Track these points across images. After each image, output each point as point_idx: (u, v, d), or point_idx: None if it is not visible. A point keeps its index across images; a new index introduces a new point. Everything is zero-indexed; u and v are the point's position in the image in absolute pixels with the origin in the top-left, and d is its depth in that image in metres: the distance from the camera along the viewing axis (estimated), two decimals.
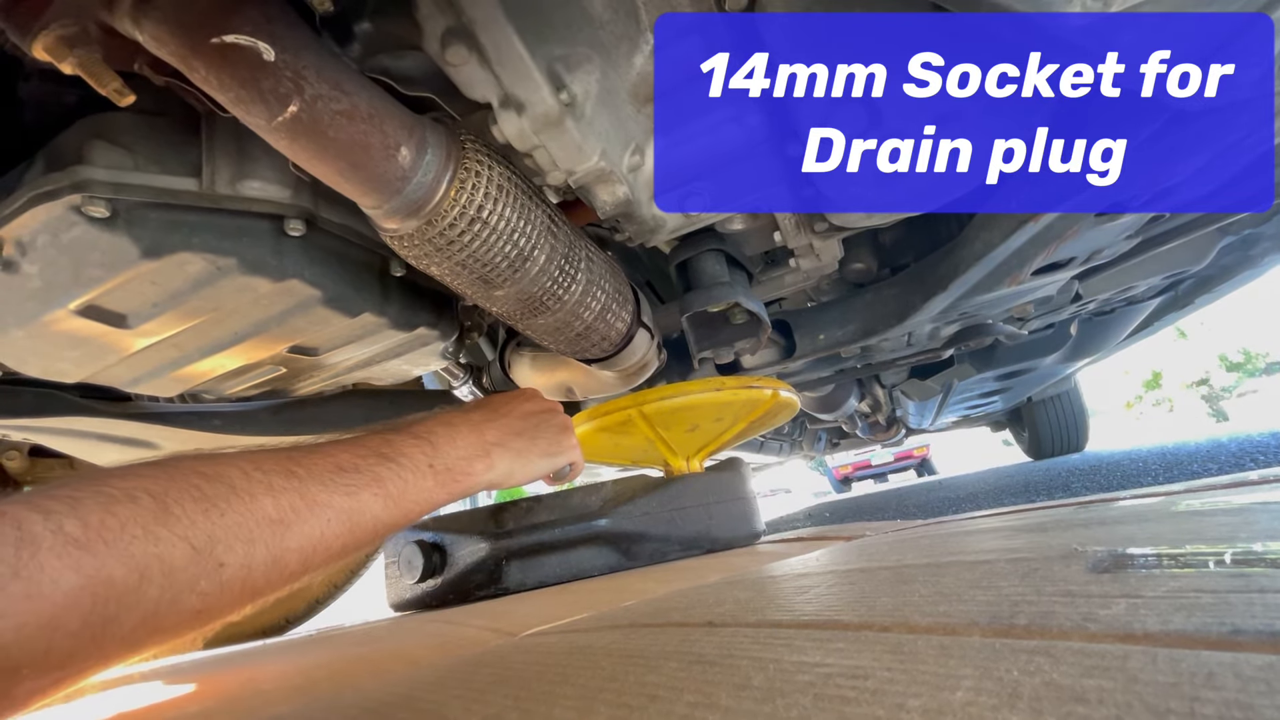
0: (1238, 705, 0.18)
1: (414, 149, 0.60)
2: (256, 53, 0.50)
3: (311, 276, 0.77)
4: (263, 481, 0.42)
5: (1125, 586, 0.31)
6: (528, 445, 0.69)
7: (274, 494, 0.42)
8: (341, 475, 0.46)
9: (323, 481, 0.45)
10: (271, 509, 0.41)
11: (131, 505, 0.35)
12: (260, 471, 0.42)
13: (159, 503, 0.36)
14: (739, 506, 1.21)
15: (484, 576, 1.02)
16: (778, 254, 1.08)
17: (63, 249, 0.65)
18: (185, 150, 0.69)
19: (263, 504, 0.41)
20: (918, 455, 10.04)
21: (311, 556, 0.44)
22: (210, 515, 0.38)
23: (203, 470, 0.40)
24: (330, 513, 0.45)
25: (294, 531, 0.42)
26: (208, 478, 0.39)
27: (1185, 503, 0.61)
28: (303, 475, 0.44)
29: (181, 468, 0.39)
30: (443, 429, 0.59)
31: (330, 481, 0.45)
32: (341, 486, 0.46)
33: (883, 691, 0.23)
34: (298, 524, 0.43)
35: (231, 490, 0.40)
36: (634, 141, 0.74)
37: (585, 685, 0.32)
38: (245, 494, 0.40)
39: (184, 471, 0.39)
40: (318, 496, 0.44)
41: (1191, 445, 2.89)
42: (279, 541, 0.41)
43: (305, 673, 0.62)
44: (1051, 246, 0.96)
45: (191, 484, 0.38)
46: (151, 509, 0.36)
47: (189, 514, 0.37)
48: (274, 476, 0.42)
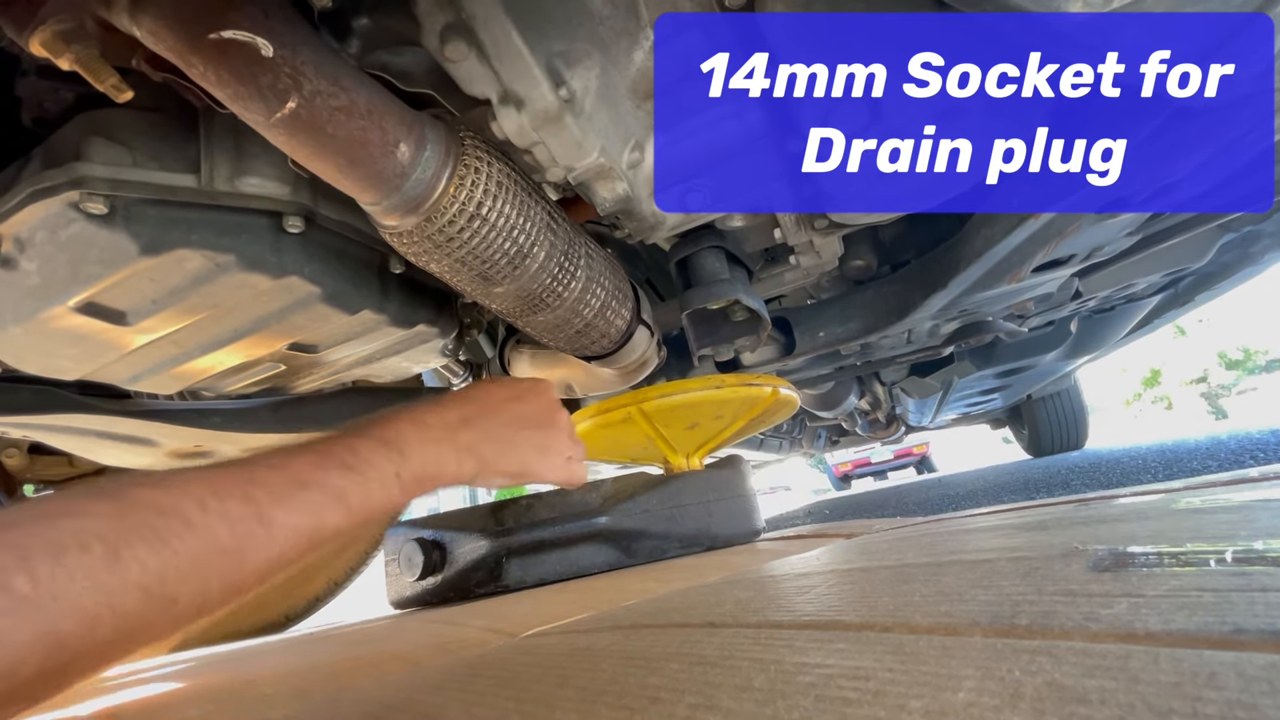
0: (1240, 705, 0.18)
1: (413, 145, 0.59)
2: (255, 48, 0.49)
3: (310, 273, 0.76)
4: (218, 511, 0.41)
5: (1126, 585, 0.31)
6: (505, 450, 0.63)
7: (230, 523, 0.41)
8: (302, 492, 0.45)
9: (282, 502, 0.44)
10: (228, 540, 0.41)
11: (81, 555, 0.34)
12: (216, 499, 0.41)
13: (110, 550, 0.35)
14: (739, 504, 1.21)
15: (484, 574, 1.02)
16: (778, 251, 1.08)
17: (61, 246, 0.65)
18: (183, 146, 0.68)
19: (219, 537, 0.40)
20: (917, 453, 10.04)
21: (268, 574, 0.44)
22: (163, 556, 0.37)
23: (158, 503, 0.39)
24: (288, 532, 0.44)
25: (250, 558, 0.42)
26: (162, 512, 0.39)
27: (1185, 500, 0.61)
28: (261, 498, 0.43)
29: (136, 503, 0.38)
30: (413, 432, 0.55)
31: (290, 500, 0.45)
32: (301, 504, 0.45)
33: (884, 692, 0.23)
34: (254, 551, 0.42)
35: (186, 526, 0.39)
36: (634, 138, 0.74)
37: (586, 687, 0.32)
38: (201, 528, 0.40)
39: (138, 508, 0.38)
40: (276, 518, 0.43)
41: (1191, 443, 2.89)
42: (235, 570, 0.41)
43: (305, 674, 0.62)
44: (1052, 244, 0.96)
45: (144, 522, 0.38)
46: (102, 557, 0.35)
47: (141, 558, 0.37)
48: (231, 503, 0.42)
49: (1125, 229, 1.00)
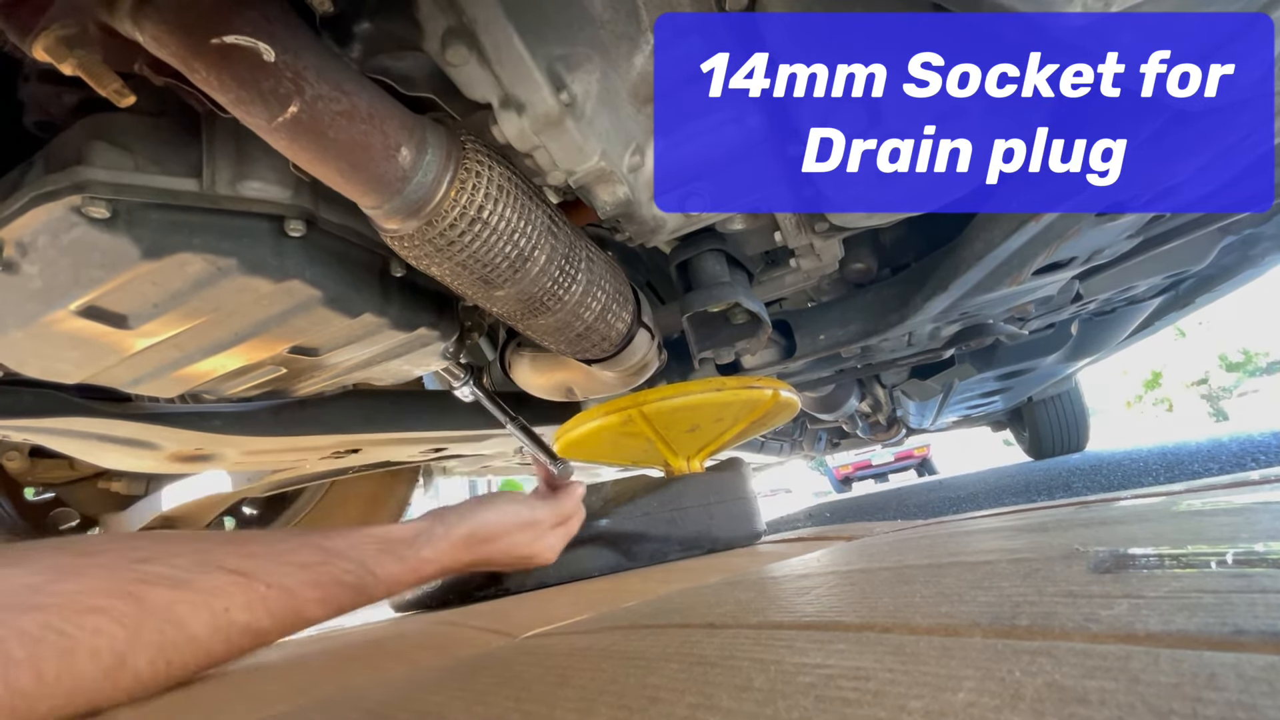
0: (1241, 706, 0.18)
1: (414, 149, 0.60)
2: (257, 53, 0.50)
3: (312, 277, 0.77)
4: (224, 633, 0.44)
5: (1127, 587, 0.31)
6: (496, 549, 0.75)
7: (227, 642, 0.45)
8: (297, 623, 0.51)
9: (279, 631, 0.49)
10: (222, 655, 0.45)
11: (91, 662, 0.36)
12: (227, 618, 0.44)
13: (118, 661, 0.37)
14: (740, 506, 1.21)
15: (484, 577, 1.02)
16: (778, 254, 1.08)
17: (63, 250, 0.65)
18: (185, 151, 0.69)
19: (215, 654, 0.44)
20: (918, 455, 10.04)
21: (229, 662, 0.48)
22: (158, 668, 0.40)
23: (174, 615, 0.41)
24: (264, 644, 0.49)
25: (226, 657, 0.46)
26: (176, 624, 0.41)
27: (1186, 502, 0.60)
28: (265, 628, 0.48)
29: (154, 610, 0.40)
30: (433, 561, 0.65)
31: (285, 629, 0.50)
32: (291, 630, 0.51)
33: (884, 693, 0.23)
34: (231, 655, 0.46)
35: (191, 643, 0.42)
36: (634, 141, 0.74)
37: (586, 687, 0.32)
38: (203, 646, 0.43)
39: (154, 616, 0.40)
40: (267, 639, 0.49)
41: (1192, 445, 2.89)
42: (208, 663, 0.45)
43: (306, 673, 0.62)
44: (1052, 246, 0.96)
45: (158, 631, 0.40)
46: (109, 668, 0.37)
47: (139, 670, 0.39)
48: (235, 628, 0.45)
49: (1126, 231, 1.00)
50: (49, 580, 0.37)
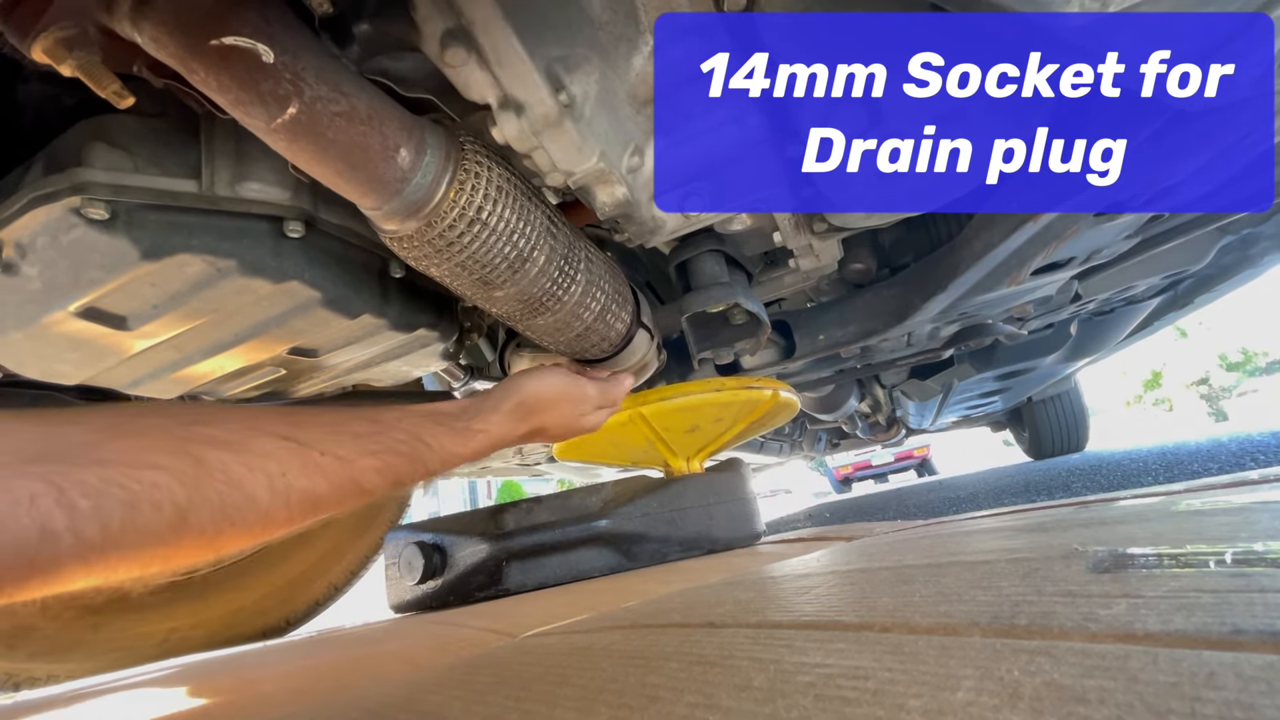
0: (1239, 705, 0.18)
1: (413, 150, 0.60)
2: (255, 54, 0.50)
3: (311, 278, 0.77)
4: (283, 493, 0.44)
5: (1126, 586, 0.31)
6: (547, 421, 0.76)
7: (289, 508, 0.44)
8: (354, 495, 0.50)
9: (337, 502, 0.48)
10: (282, 518, 0.44)
11: (155, 514, 0.37)
12: (284, 479, 0.44)
13: (180, 515, 0.38)
14: (739, 507, 1.21)
15: (484, 578, 1.02)
16: (777, 254, 1.08)
17: (62, 251, 0.65)
18: (184, 152, 0.69)
19: (275, 516, 0.43)
20: (918, 455, 10.04)
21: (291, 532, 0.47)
22: (221, 525, 0.40)
23: (231, 474, 0.41)
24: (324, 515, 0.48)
25: (289, 527, 0.45)
26: (233, 485, 0.41)
27: (1186, 502, 0.61)
28: (322, 495, 0.47)
29: (212, 470, 0.40)
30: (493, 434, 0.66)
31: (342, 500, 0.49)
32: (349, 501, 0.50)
33: (883, 692, 0.23)
34: (295, 523, 0.45)
35: (250, 503, 0.42)
36: (633, 142, 0.74)
37: (586, 686, 0.32)
38: (263, 508, 0.42)
39: (213, 475, 0.40)
40: (323, 509, 0.47)
41: (1192, 445, 2.89)
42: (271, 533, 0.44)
43: (306, 674, 0.62)
44: (1051, 246, 0.96)
45: (216, 493, 0.40)
46: (171, 521, 0.37)
47: (203, 525, 0.39)
48: (294, 494, 0.44)
49: (1124, 232, 1.00)
50: (106, 438, 0.38)
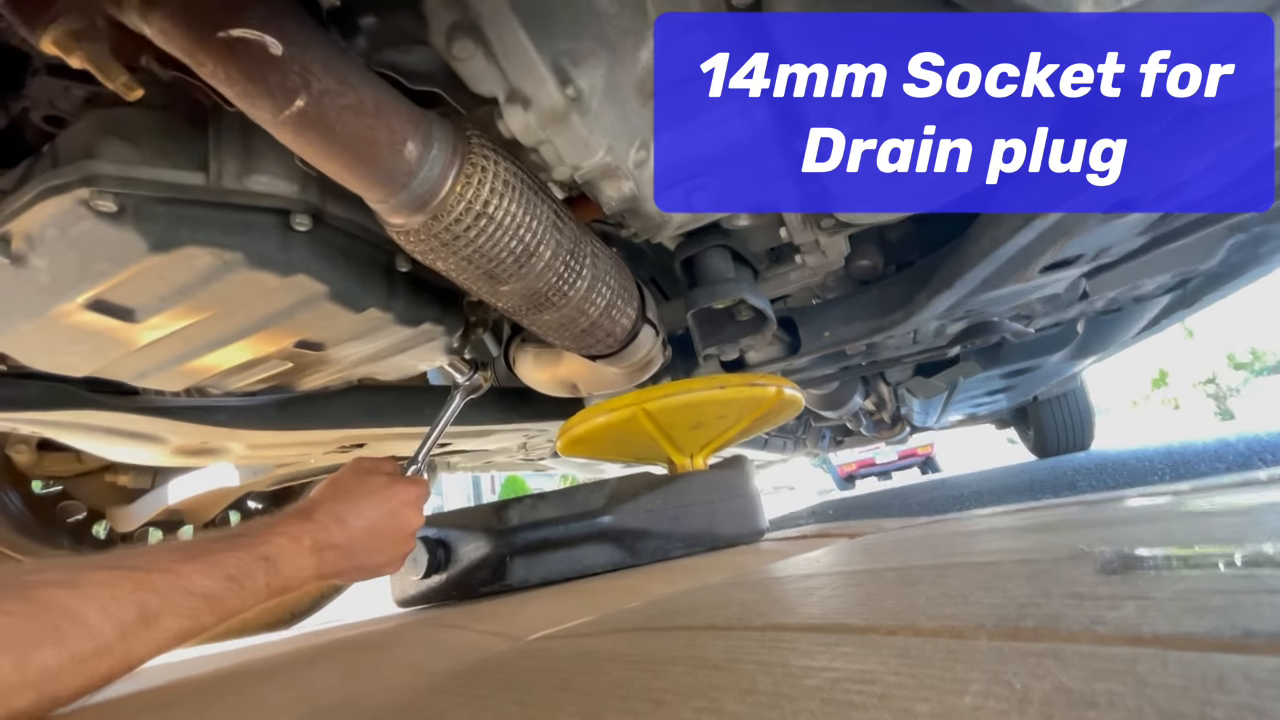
0: (1250, 709, 0.18)
1: (420, 144, 0.60)
2: (263, 47, 0.50)
3: (318, 271, 0.77)
4: (115, 616, 0.47)
5: (1134, 588, 0.30)
6: (361, 563, 0.74)
7: (123, 629, 0.47)
8: (188, 599, 0.53)
9: (170, 608, 0.51)
10: (117, 644, 0.47)
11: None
12: (116, 604, 0.47)
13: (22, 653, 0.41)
14: (743, 504, 1.21)
15: (488, 573, 1.02)
16: (783, 250, 1.07)
17: (71, 243, 0.65)
18: (192, 145, 0.69)
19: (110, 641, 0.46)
20: (922, 453, 10.02)
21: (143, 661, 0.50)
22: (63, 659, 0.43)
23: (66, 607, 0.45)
24: (168, 634, 0.51)
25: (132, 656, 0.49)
26: (69, 618, 0.44)
27: (1193, 503, 0.60)
28: (151, 604, 0.50)
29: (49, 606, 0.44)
30: (290, 546, 0.64)
31: (176, 606, 0.52)
32: (185, 610, 0.52)
33: (890, 696, 0.23)
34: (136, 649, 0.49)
35: (87, 633, 0.45)
36: (640, 137, 0.74)
37: (591, 691, 0.32)
38: (98, 633, 0.45)
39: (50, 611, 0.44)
40: (161, 622, 0.50)
41: (1199, 444, 2.88)
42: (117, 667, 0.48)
43: (310, 681, 0.63)
44: (1059, 244, 0.95)
45: (53, 626, 0.43)
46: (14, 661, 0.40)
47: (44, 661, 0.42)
48: (126, 609, 0.48)
49: (1133, 230, 0.99)
50: None
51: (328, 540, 0.69)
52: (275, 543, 0.63)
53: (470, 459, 2.16)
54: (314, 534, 0.68)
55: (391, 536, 0.77)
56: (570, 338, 0.89)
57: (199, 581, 0.54)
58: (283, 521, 0.67)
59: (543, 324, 0.84)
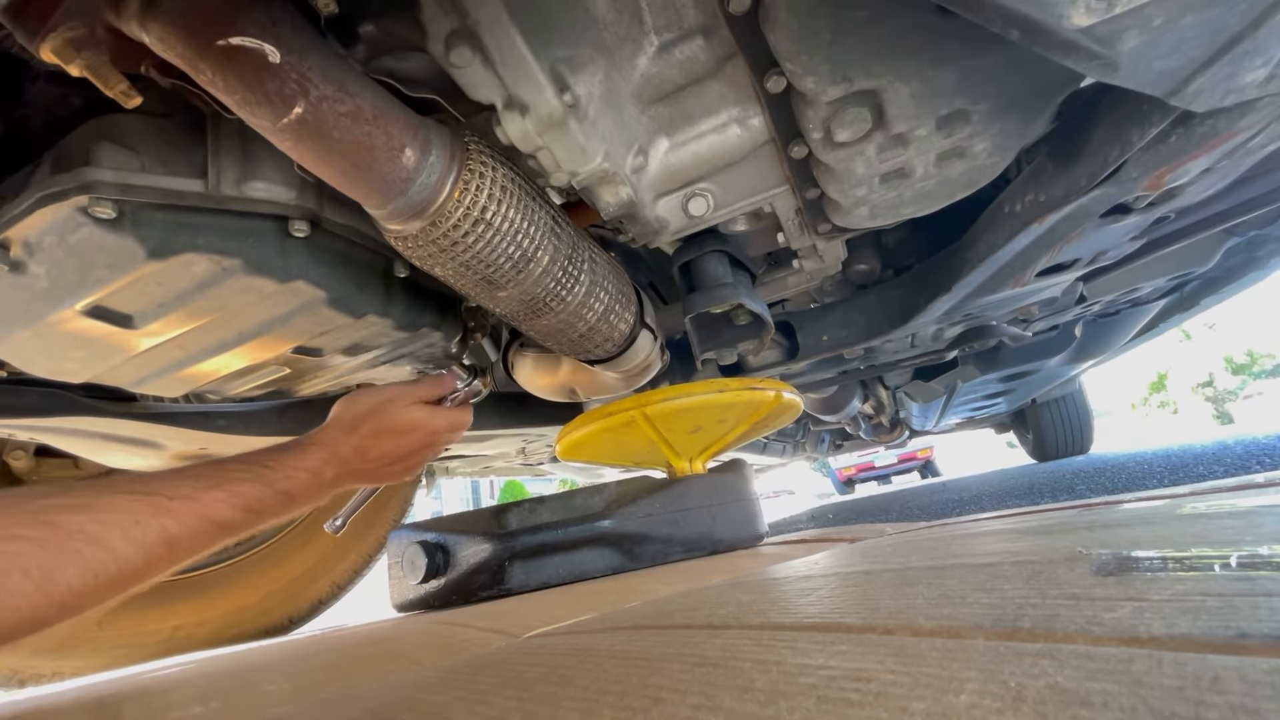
0: (1244, 710, 0.18)
1: (418, 150, 0.60)
2: (262, 55, 0.50)
3: (316, 277, 0.77)
4: (138, 540, 0.48)
5: (1130, 589, 0.31)
6: (373, 483, 0.79)
7: (145, 551, 0.49)
8: (207, 527, 0.54)
9: (192, 537, 0.53)
10: (140, 565, 0.49)
11: (22, 579, 0.41)
12: (139, 529, 0.49)
13: (46, 575, 0.42)
14: (742, 508, 1.21)
15: (487, 577, 1.02)
16: (781, 255, 1.08)
17: (70, 250, 0.65)
18: (191, 152, 0.69)
19: (133, 562, 0.48)
20: (921, 457, 10.01)
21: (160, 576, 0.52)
22: (86, 580, 0.45)
23: (87, 532, 0.46)
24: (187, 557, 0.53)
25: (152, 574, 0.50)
26: (91, 541, 0.46)
27: (1190, 505, 0.60)
28: (172, 530, 0.51)
29: (69, 532, 0.45)
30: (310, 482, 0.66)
31: (197, 535, 0.53)
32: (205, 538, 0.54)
33: (886, 694, 0.23)
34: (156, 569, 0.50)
35: (110, 555, 0.46)
36: (637, 143, 0.74)
37: (588, 687, 0.32)
38: (121, 556, 0.47)
39: (71, 536, 0.45)
40: (181, 546, 0.52)
41: (1197, 447, 2.88)
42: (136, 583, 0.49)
43: (308, 673, 0.63)
44: (1056, 248, 0.96)
45: (76, 550, 0.45)
46: (39, 582, 0.42)
47: (69, 581, 0.44)
48: (149, 532, 0.49)
49: (1129, 233, 0.99)
50: None
51: (348, 473, 0.72)
52: (297, 478, 0.64)
53: (469, 464, 2.16)
54: (337, 470, 0.70)
55: (412, 460, 0.79)
56: (568, 342, 0.89)
57: (220, 510, 0.55)
58: (309, 454, 0.68)
59: (541, 329, 0.84)
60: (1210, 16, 0.47)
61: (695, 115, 0.74)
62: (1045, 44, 0.49)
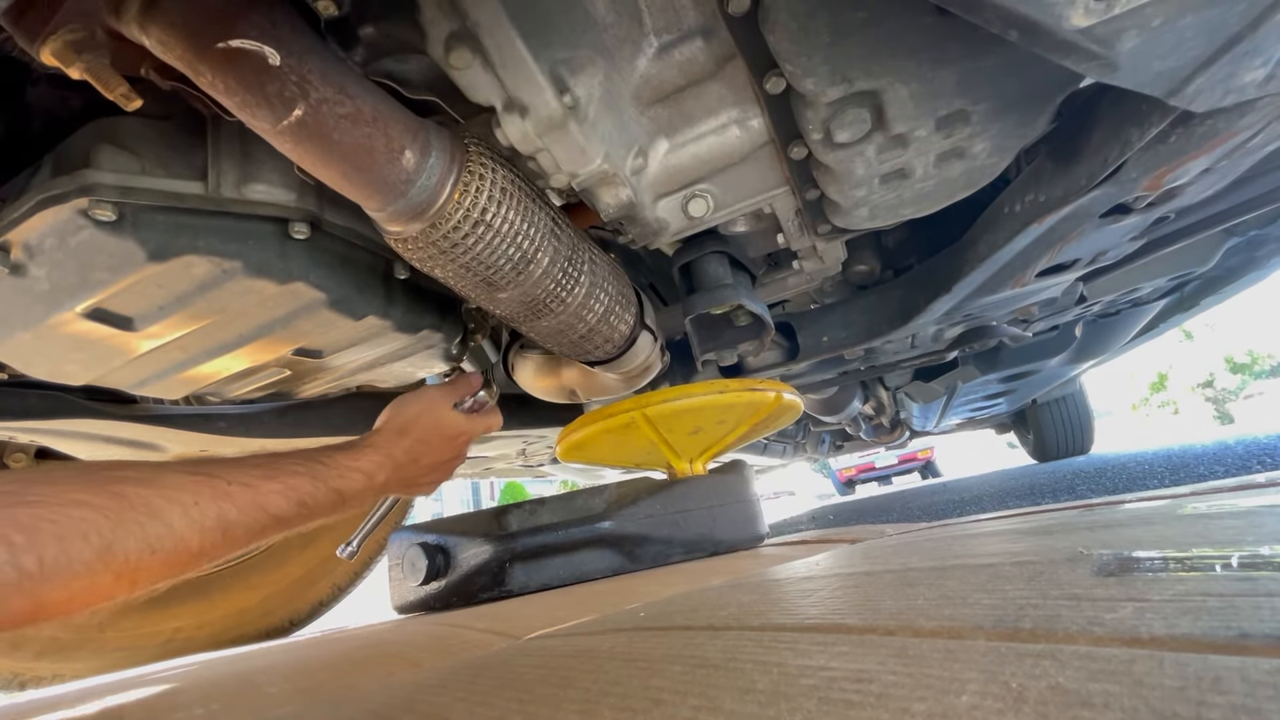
0: (1245, 710, 0.18)
1: (418, 152, 0.60)
2: (262, 57, 0.50)
3: (316, 279, 0.77)
4: (197, 520, 0.49)
5: (1131, 590, 0.31)
6: (414, 487, 0.81)
7: (202, 533, 0.49)
8: (262, 516, 0.55)
9: (246, 524, 0.53)
10: (196, 545, 0.49)
11: (83, 545, 0.41)
12: (198, 509, 0.49)
13: (105, 544, 0.42)
14: (742, 509, 1.21)
15: (488, 579, 1.02)
16: (781, 256, 1.08)
17: (70, 252, 0.66)
18: (191, 154, 0.69)
19: (189, 542, 0.48)
20: (922, 457, 10.00)
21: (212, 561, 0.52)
22: (143, 553, 0.45)
23: (150, 505, 0.46)
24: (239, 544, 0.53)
25: (206, 558, 0.50)
26: (153, 514, 0.46)
27: (1191, 506, 0.60)
28: (229, 515, 0.52)
29: (133, 503, 0.45)
30: (363, 482, 0.68)
31: (252, 523, 0.54)
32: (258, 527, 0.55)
33: (887, 695, 0.23)
34: (211, 553, 0.51)
35: (169, 530, 0.47)
36: (637, 144, 0.75)
37: (589, 689, 0.32)
38: (179, 533, 0.47)
39: (134, 508, 0.45)
40: (236, 534, 0.52)
41: (1197, 447, 2.88)
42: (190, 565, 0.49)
43: (309, 674, 0.63)
44: (1056, 248, 0.96)
45: (137, 522, 0.45)
46: (98, 549, 0.42)
47: (127, 552, 0.44)
48: (207, 513, 0.50)
49: (1129, 233, 1.00)
50: (28, 485, 0.42)
51: (399, 479, 0.74)
52: (352, 478, 0.66)
53: (469, 465, 2.16)
54: (389, 472, 0.71)
55: (449, 466, 0.83)
56: (568, 344, 0.89)
57: (275, 502, 0.56)
58: (364, 455, 0.69)
59: (541, 330, 0.84)
60: (1209, 16, 0.47)
61: (695, 116, 0.74)
62: (1044, 45, 0.49)
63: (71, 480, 0.44)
